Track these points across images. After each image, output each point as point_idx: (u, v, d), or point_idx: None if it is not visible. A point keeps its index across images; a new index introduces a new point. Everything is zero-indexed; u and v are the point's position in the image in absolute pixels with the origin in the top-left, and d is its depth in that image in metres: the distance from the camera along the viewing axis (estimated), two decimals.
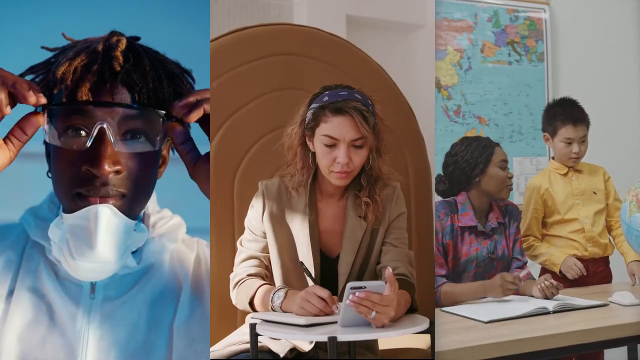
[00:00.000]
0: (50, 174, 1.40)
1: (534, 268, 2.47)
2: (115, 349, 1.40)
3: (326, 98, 1.72)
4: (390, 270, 1.53)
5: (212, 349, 1.72)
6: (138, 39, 1.43)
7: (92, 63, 1.32)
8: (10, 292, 1.41)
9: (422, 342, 1.98)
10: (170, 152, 1.49)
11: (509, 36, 3.18)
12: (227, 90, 2.11)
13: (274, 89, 2.18)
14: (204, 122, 1.36)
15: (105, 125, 1.30)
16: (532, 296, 2.18)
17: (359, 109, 1.69)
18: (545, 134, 2.60)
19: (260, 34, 2.21)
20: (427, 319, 1.62)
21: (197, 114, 1.32)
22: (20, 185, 1.39)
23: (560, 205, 2.53)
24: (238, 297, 1.81)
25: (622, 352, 2.29)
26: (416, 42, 3.49)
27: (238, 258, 1.86)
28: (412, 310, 1.67)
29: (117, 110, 1.31)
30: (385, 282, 1.52)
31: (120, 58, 1.33)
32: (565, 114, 2.52)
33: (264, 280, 1.81)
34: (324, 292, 1.59)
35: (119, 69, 1.32)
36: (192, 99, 1.33)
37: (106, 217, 1.32)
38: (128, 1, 2.01)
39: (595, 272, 2.53)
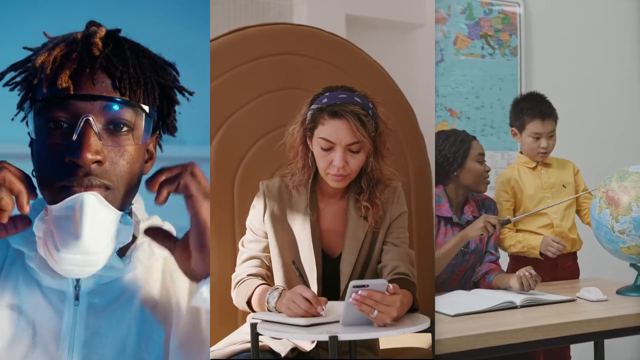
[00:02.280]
0: (34, 173, 1.35)
1: (503, 263, 2.47)
2: None
3: (325, 100, 1.72)
4: (390, 286, 1.52)
5: (212, 348, 1.73)
6: (118, 31, 1.40)
7: (72, 51, 1.30)
8: None
9: (423, 341, 1.98)
10: (157, 148, 1.45)
11: (482, 29, 3.17)
12: (226, 90, 2.11)
13: (274, 89, 2.18)
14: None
15: (90, 118, 1.28)
16: (506, 288, 2.19)
17: (356, 113, 1.68)
18: (513, 129, 2.59)
19: (260, 33, 2.20)
20: (428, 318, 1.61)
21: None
22: None
23: (530, 198, 2.52)
24: (237, 297, 1.80)
25: (588, 347, 2.29)
26: (416, 41, 3.49)
27: (239, 258, 1.85)
28: (413, 309, 1.66)
29: (99, 100, 1.30)
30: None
31: (100, 43, 1.30)
32: (533, 109, 2.51)
33: (264, 280, 1.81)
34: (309, 293, 1.58)
35: (97, 53, 1.30)
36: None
37: (91, 205, 1.28)
38: (127, 3, 2.00)
39: (564, 267, 2.54)
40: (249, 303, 1.75)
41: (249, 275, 1.80)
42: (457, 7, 3.12)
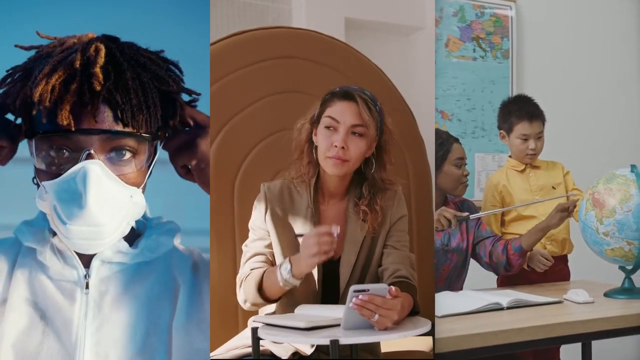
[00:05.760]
0: (35, 181, 1.37)
1: None
2: (114, 352, 1.39)
3: (337, 89, 1.77)
4: (393, 288, 1.52)
5: (214, 353, 1.73)
6: (117, 40, 1.39)
7: (71, 80, 1.29)
8: (3, 301, 1.39)
9: (424, 344, 1.97)
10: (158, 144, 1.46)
11: (474, 32, 3.18)
12: (226, 93, 2.10)
13: (274, 92, 2.17)
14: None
15: (92, 151, 1.30)
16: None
17: (364, 99, 1.73)
18: (501, 131, 2.60)
19: (259, 37, 2.20)
20: (429, 321, 1.61)
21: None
22: (14, 190, 1.40)
23: (519, 202, 2.53)
24: (245, 292, 1.75)
25: (577, 348, 2.30)
26: (415, 44, 3.49)
27: (243, 259, 1.82)
28: (414, 312, 1.66)
29: (101, 134, 1.31)
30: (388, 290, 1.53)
31: (100, 75, 1.29)
32: (520, 111, 2.53)
33: None
34: (325, 228, 1.61)
35: (99, 88, 1.29)
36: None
37: (95, 174, 1.29)
38: (127, 6, 2.00)
39: (554, 270, 2.53)
40: (260, 290, 1.72)
41: (252, 269, 1.78)
42: (449, 10, 3.13)
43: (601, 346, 2.36)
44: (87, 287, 1.40)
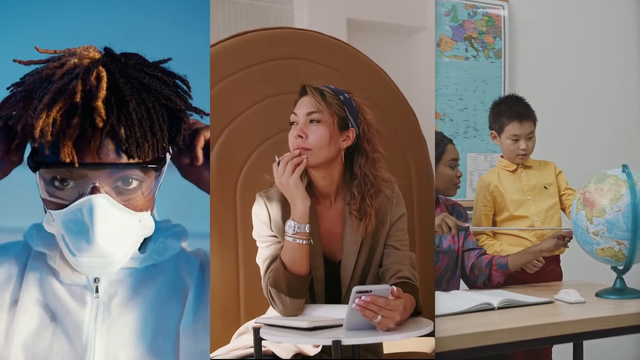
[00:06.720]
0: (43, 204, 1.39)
1: None
2: (123, 353, 1.40)
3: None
4: (395, 289, 1.53)
5: (215, 353, 1.74)
6: (119, 59, 1.36)
7: (72, 113, 1.27)
8: (14, 302, 1.41)
9: (426, 345, 1.98)
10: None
11: (466, 31, 3.17)
12: (228, 95, 2.10)
13: (275, 93, 2.17)
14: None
15: (97, 184, 1.30)
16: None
17: (320, 90, 1.74)
18: (492, 131, 2.60)
19: (261, 38, 2.20)
20: (431, 321, 1.62)
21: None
22: (24, 192, 1.43)
23: (511, 202, 2.53)
24: (275, 285, 1.69)
25: (568, 348, 2.30)
26: (417, 44, 3.48)
27: (263, 272, 1.76)
28: (416, 313, 1.66)
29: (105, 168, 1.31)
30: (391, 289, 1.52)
31: (102, 110, 1.27)
32: (510, 111, 2.52)
33: None
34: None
35: (101, 125, 1.27)
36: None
37: (102, 208, 1.30)
38: (128, 8, 2.00)
39: (546, 270, 2.53)
40: (285, 267, 1.67)
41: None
42: (441, 9, 3.13)
43: (593, 346, 2.36)
44: (96, 291, 1.42)
